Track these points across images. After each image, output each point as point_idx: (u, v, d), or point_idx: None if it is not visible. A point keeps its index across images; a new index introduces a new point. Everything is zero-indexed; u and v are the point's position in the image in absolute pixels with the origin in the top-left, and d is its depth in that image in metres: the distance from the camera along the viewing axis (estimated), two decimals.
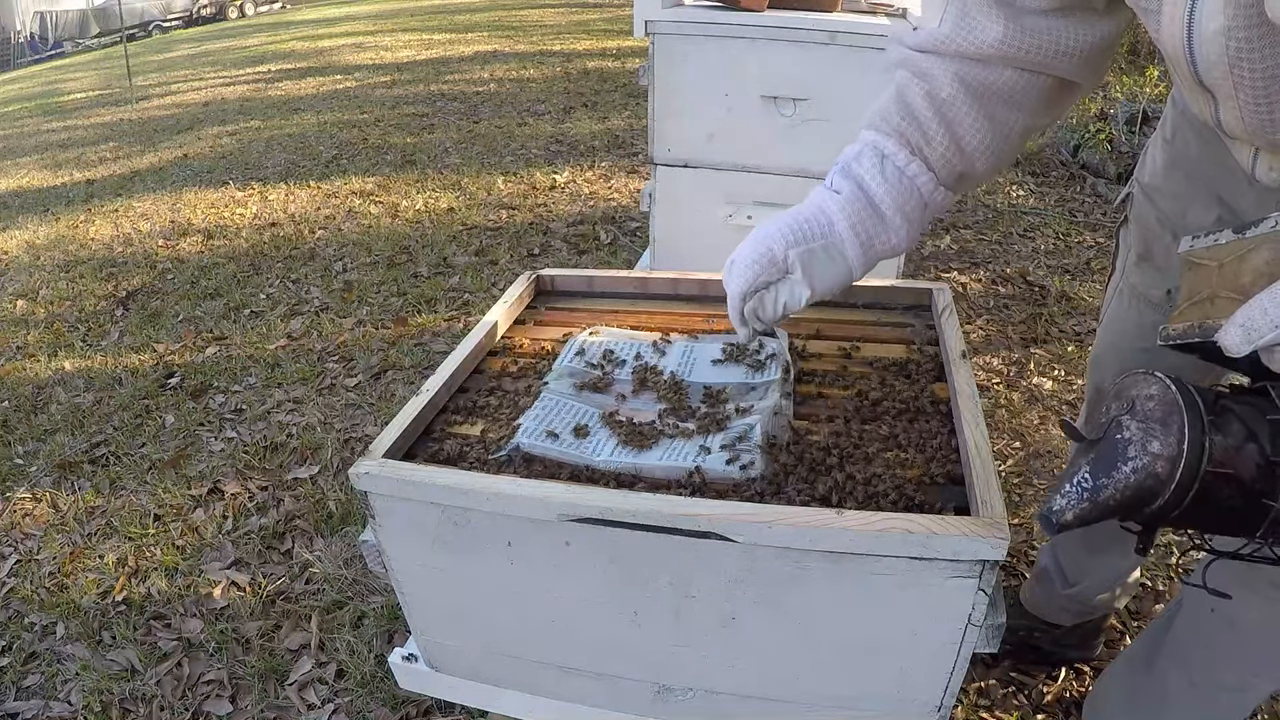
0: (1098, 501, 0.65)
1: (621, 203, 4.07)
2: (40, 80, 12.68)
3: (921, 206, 0.92)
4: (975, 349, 2.60)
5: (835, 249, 0.91)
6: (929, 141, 0.90)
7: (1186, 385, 0.66)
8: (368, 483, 0.89)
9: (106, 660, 1.74)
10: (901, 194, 0.91)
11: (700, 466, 0.90)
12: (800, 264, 0.90)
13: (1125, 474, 0.64)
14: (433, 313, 3.09)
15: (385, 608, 1.79)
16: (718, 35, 1.93)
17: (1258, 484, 0.63)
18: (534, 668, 1.01)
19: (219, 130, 6.38)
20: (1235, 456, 0.63)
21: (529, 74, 7.29)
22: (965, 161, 0.92)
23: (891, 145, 0.91)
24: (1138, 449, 0.64)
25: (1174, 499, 0.64)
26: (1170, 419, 0.64)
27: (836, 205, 0.91)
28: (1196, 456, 0.63)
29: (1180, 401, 0.64)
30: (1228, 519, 0.66)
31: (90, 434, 2.54)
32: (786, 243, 0.90)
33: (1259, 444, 0.63)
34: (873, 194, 0.91)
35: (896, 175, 0.91)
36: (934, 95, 0.89)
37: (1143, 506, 0.65)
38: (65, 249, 4.17)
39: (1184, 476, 0.63)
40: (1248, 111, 0.73)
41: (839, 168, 0.93)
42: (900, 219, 0.91)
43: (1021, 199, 3.84)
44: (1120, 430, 0.65)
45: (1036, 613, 1.54)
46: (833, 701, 0.90)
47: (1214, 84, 0.73)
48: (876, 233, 0.92)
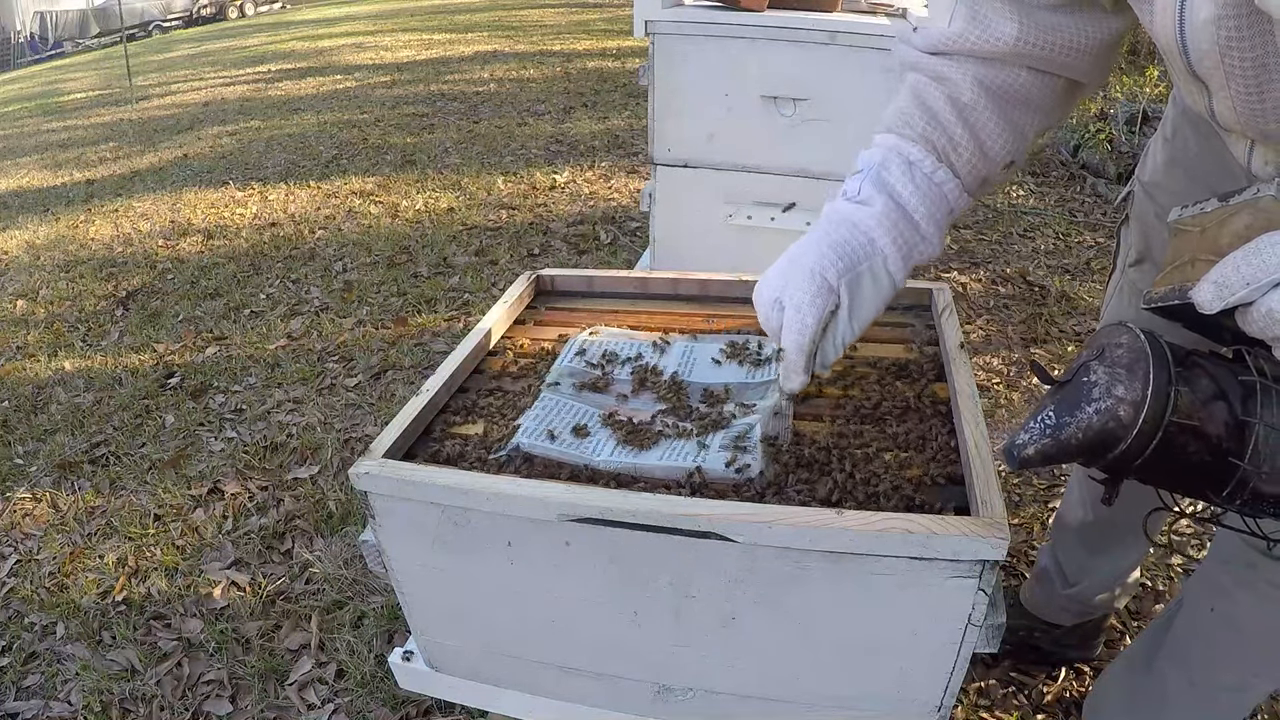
0: (1059, 439, 0.66)
1: (621, 203, 4.07)
2: (40, 80, 12.68)
3: (948, 213, 0.90)
4: (975, 349, 2.60)
5: (880, 268, 0.86)
6: (955, 147, 0.88)
7: (1158, 339, 0.67)
8: (368, 483, 0.89)
9: (106, 660, 1.74)
10: (933, 202, 0.88)
11: (700, 467, 0.90)
12: (848, 297, 0.84)
13: (1089, 414, 0.65)
14: (433, 313, 3.09)
15: (385, 608, 1.79)
16: (718, 35, 1.93)
17: (1225, 442, 0.64)
18: (534, 668, 1.01)
19: (219, 130, 6.38)
20: (1202, 411, 0.64)
21: (529, 74, 7.29)
22: (988, 165, 0.90)
23: (918, 151, 0.88)
24: (1102, 391, 0.65)
25: (1136, 445, 0.64)
26: (1137, 366, 0.65)
27: (874, 220, 0.86)
28: (1161, 405, 0.63)
29: (1148, 350, 0.65)
30: (1194, 475, 0.67)
31: (90, 434, 2.54)
32: (838, 271, 0.83)
33: (1228, 403, 0.64)
34: (907, 204, 0.87)
35: (926, 183, 0.88)
36: (956, 100, 0.87)
37: (1105, 450, 0.65)
38: (65, 249, 4.17)
39: (1146, 423, 0.63)
40: (1239, 101, 0.73)
41: (868, 177, 0.88)
42: (934, 228, 0.88)
43: (1021, 199, 3.84)
44: (1088, 374, 0.66)
45: (1036, 613, 1.54)
46: (833, 701, 0.90)
47: (1206, 74, 0.73)
48: (915, 243, 0.88)
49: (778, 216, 2.05)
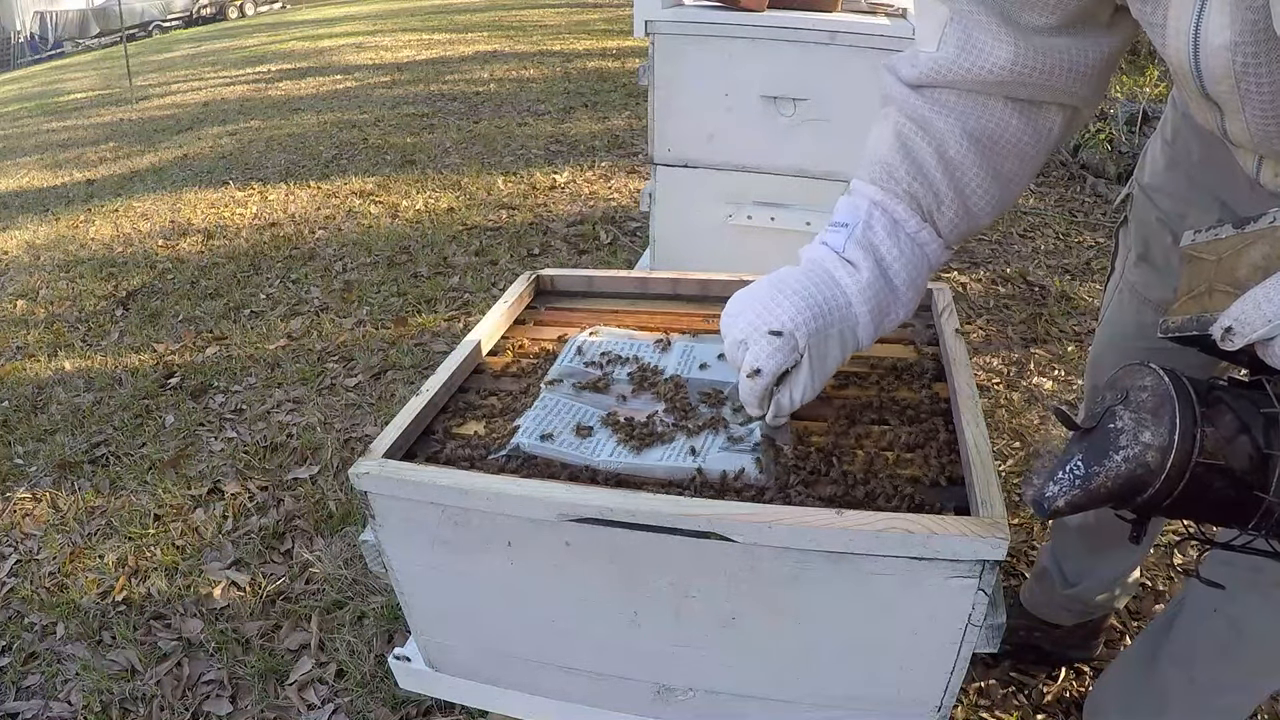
0: (1089, 489, 0.66)
1: (621, 203, 4.07)
2: (40, 80, 12.68)
3: (927, 270, 0.89)
4: (975, 349, 2.60)
5: (849, 331, 0.87)
6: (940, 205, 0.87)
7: (1180, 377, 0.66)
8: (368, 483, 0.89)
9: (106, 660, 1.74)
10: (914, 265, 0.87)
11: (700, 467, 0.90)
12: (813, 352, 0.84)
13: (1117, 463, 0.65)
14: (433, 313, 3.09)
15: (385, 608, 1.79)
16: (718, 35, 1.93)
17: (1249, 476, 0.64)
18: (534, 668, 1.01)
19: (219, 130, 6.38)
20: (1227, 448, 0.63)
21: (529, 74, 7.29)
22: (970, 222, 0.89)
23: (902, 210, 0.86)
24: (1129, 438, 0.65)
25: (1164, 489, 0.64)
26: (1162, 410, 0.64)
27: (856, 288, 0.85)
28: (1188, 448, 0.63)
29: (1173, 393, 0.65)
30: (1220, 510, 0.67)
31: (90, 434, 2.54)
32: (808, 332, 0.83)
33: (1251, 436, 0.64)
34: (890, 269, 0.86)
35: (909, 245, 0.87)
36: (943, 154, 0.85)
37: (1134, 495, 0.66)
38: (65, 249, 4.17)
39: (1174, 467, 0.63)
40: (1254, 124, 0.72)
41: (852, 236, 0.86)
42: (912, 293, 0.88)
43: (1021, 199, 3.84)
44: (1114, 420, 0.66)
45: (1036, 613, 1.54)
46: (833, 701, 0.90)
47: (1220, 97, 0.72)
48: (889, 309, 0.87)
49: (778, 216, 2.05)
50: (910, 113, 0.86)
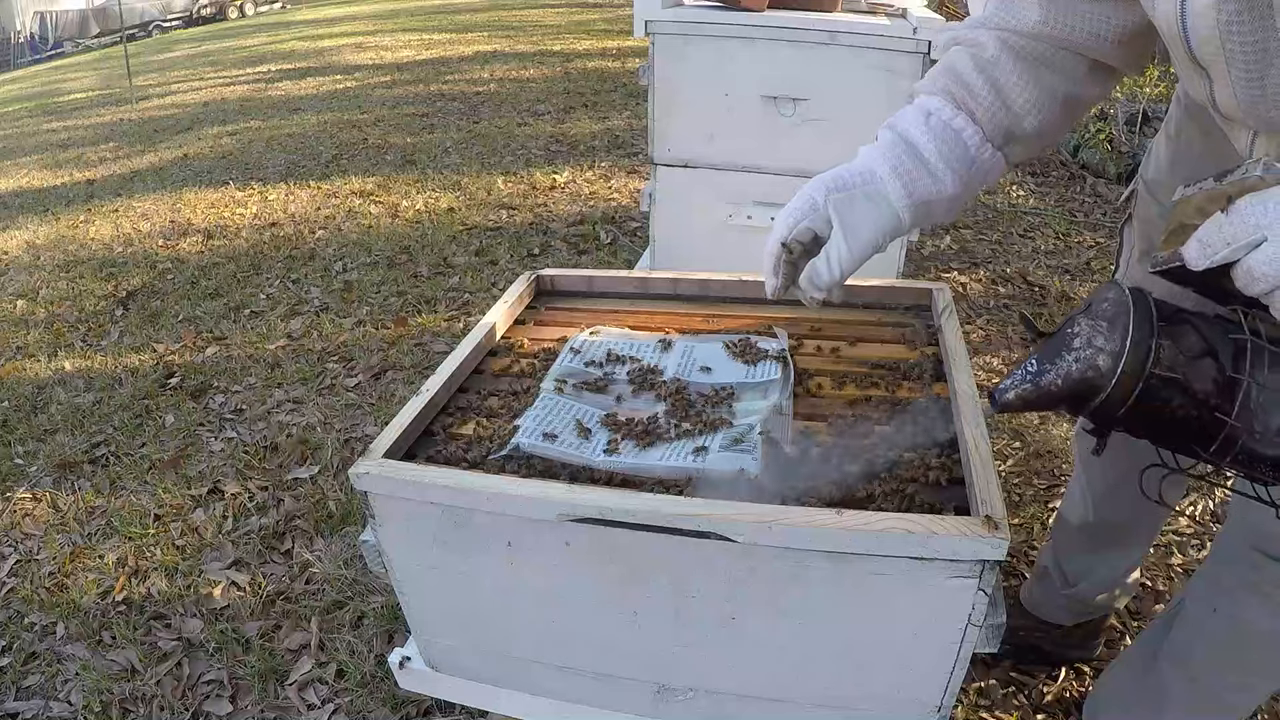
0: (1039, 385, 0.69)
1: (621, 203, 4.07)
2: (40, 80, 12.68)
3: (968, 161, 0.91)
4: (975, 349, 2.60)
5: (877, 193, 0.88)
6: (974, 96, 0.90)
7: (1145, 294, 0.68)
8: (368, 483, 0.89)
9: (106, 660, 1.74)
10: (946, 144, 0.89)
11: (701, 467, 0.90)
12: (837, 213, 0.87)
13: (1069, 362, 0.67)
14: (433, 313, 3.09)
15: (385, 608, 1.79)
16: (718, 35, 1.93)
17: (1213, 399, 0.65)
18: (534, 668, 1.01)
19: (219, 130, 6.38)
20: (1186, 366, 0.65)
21: (529, 74, 7.29)
22: (1012, 118, 0.91)
23: (937, 102, 0.91)
24: (1083, 341, 0.67)
25: (1116, 394, 0.66)
26: (1118, 318, 0.67)
27: (876, 151, 0.90)
28: (1141, 355, 0.65)
29: (1130, 304, 0.67)
30: (1181, 431, 0.68)
31: (90, 434, 2.54)
32: (826, 189, 0.89)
33: (1218, 360, 0.65)
34: (914, 141, 0.90)
35: (941, 127, 0.90)
36: (979, 57, 0.90)
37: (1086, 399, 0.68)
38: (65, 249, 4.17)
39: (1125, 373, 0.66)
40: (1239, 87, 0.73)
41: (881, 128, 0.93)
42: (944, 166, 0.89)
43: (1021, 199, 3.84)
44: (1072, 325, 0.69)
45: (1036, 613, 1.55)
46: (833, 701, 0.90)
47: (1207, 60, 0.74)
48: (919, 176, 0.89)
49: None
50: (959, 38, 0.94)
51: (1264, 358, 0.65)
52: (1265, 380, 0.64)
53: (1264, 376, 0.65)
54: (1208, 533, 1.87)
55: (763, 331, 1.19)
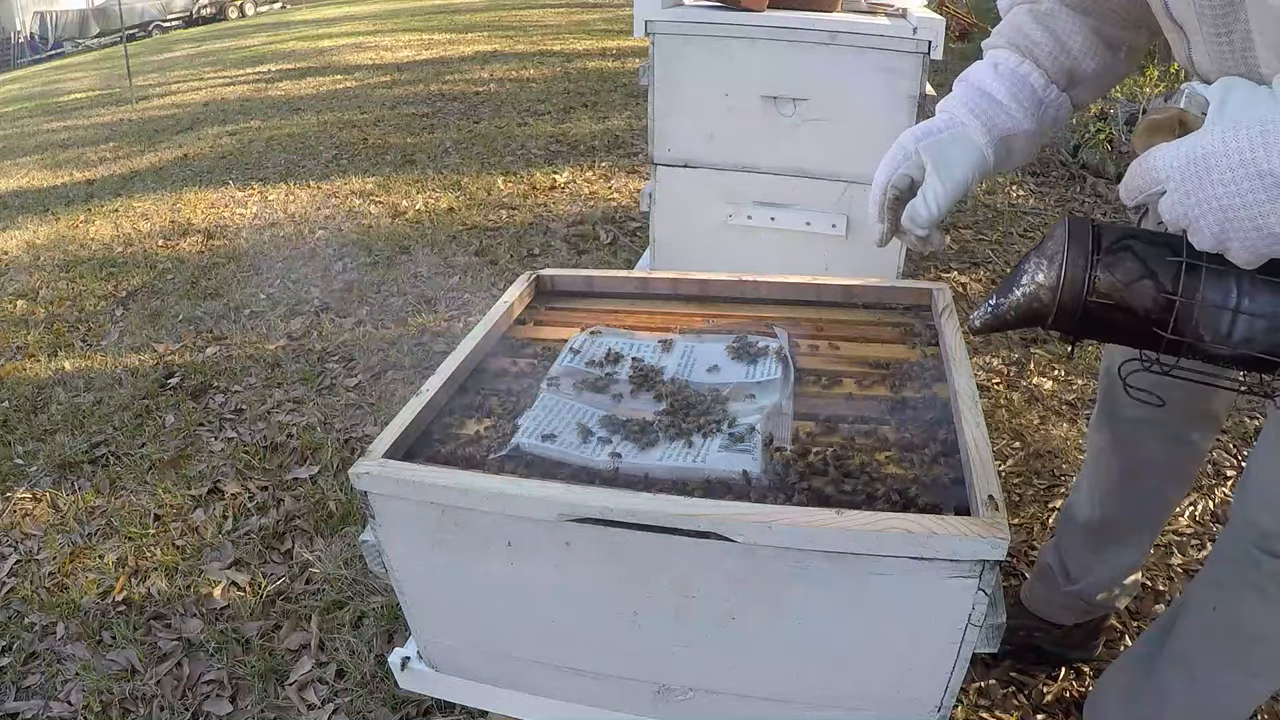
0: (998, 314, 0.82)
1: (621, 203, 4.07)
2: (40, 80, 12.68)
3: (1037, 102, 0.99)
4: (975, 349, 2.60)
5: (962, 135, 0.97)
6: (1036, 44, 0.99)
7: (1088, 228, 0.78)
8: (368, 483, 0.89)
9: (106, 660, 1.74)
10: (1015, 86, 0.98)
11: (701, 467, 0.90)
12: (929, 156, 0.96)
13: (1016, 296, 0.80)
14: (433, 313, 3.09)
15: (385, 608, 1.79)
16: (718, 35, 1.93)
17: (1153, 314, 0.74)
18: (534, 668, 1.01)
19: (219, 130, 6.38)
20: (1124, 290, 0.75)
21: (529, 74, 7.29)
22: (1072, 60, 0.99)
23: (1003, 54, 1.00)
24: (1028, 278, 0.79)
25: (1061, 318, 0.78)
26: (1056, 256, 0.78)
27: (954, 100, 1.00)
28: (1075, 287, 0.76)
29: (1068, 240, 0.77)
30: (1132, 338, 0.78)
31: (90, 434, 2.53)
32: (915, 138, 0.97)
33: (1156, 281, 0.74)
34: (986, 87, 0.98)
35: (1009, 73, 0.99)
36: (1036, 10, 0.99)
37: (1037, 321, 0.80)
38: (65, 249, 4.17)
39: (1063, 303, 0.77)
40: (1211, 45, 0.79)
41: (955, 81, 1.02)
42: (1016, 105, 0.98)
43: (1021, 199, 3.84)
44: (1024, 262, 0.81)
45: (1037, 612, 1.55)
46: (833, 701, 0.90)
47: (1182, 18, 0.80)
48: (995, 114, 0.97)
49: (778, 216, 2.05)
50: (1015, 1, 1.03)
51: (1200, 274, 0.73)
52: (1204, 295, 0.73)
53: (1202, 291, 0.73)
54: (1208, 533, 1.87)
55: (763, 331, 1.19)
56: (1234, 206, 0.67)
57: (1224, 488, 1.99)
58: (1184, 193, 0.69)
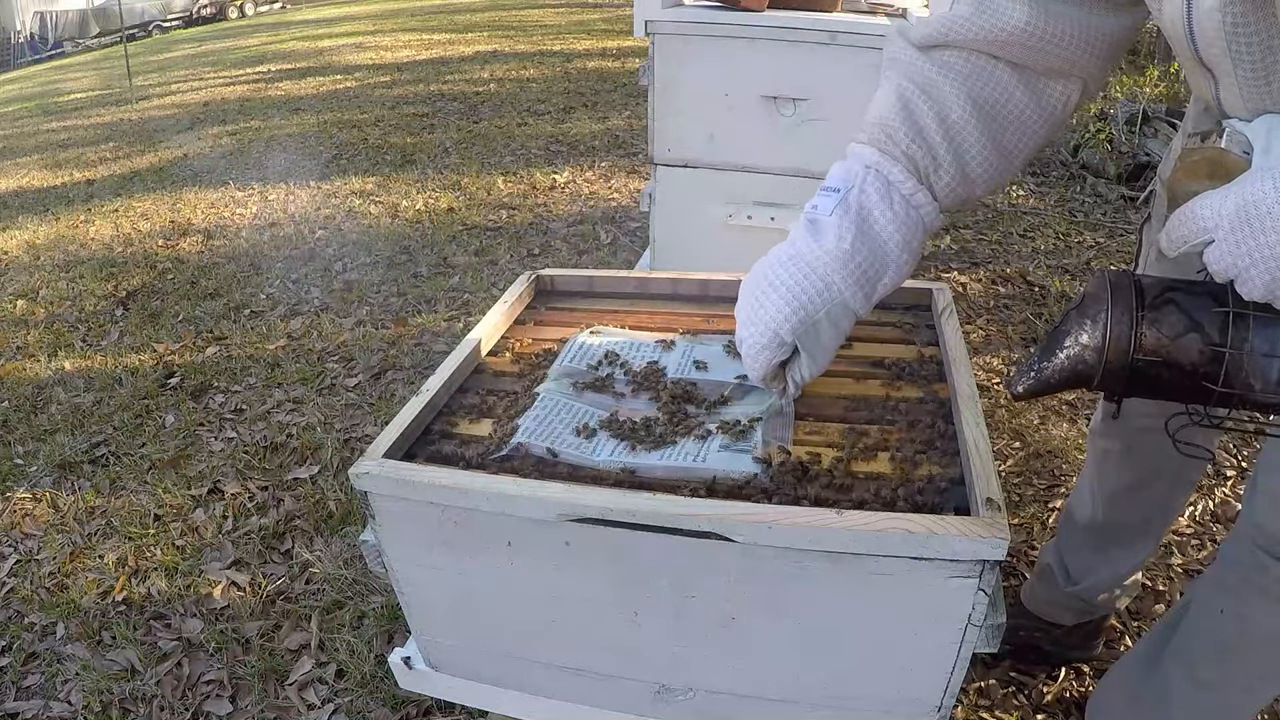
0: (1042, 378, 0.79)
1: (621, 203, 4.07)
2: (40, 80, 12.68)
3: (923, 235, 0.91)
4: (975, 349, 2.60)
5: (838, 310, 0.88)
6: (937, 168, 0.88)
7: (1130, 281, 0.75)
8: (368, 483, 0.89)
9: (106, 660, 1.74)
10: (908, 228, 0.88)
11: (700, 466, 0.90)
12: (804, 345, 0.89)
13: (1060, 359, 0.77)
14: (433, 313, 3.09)
15: (385, 608, 1.79)
16: (718, 35, 1.93)
17: (1201, 368, 0.72)
18: (534, 668, 1.00)
19: (219, 130, 6.38)
20: (1170, 346, 0.73)
21: (529, 74, 7.29)
22: (968, 187, 0.90)
23: (898, 172, 0.87)
24: (1071, 340, 0.76)
25: (1109, 380, 0.75)
26: (1099, 315, 0.75)
27: (835, 263, 0.86)
28: (1123, 347, 0.73)
29: (1110, 298, 0.74)
30: (1180, 394, 0.75)
31: (90, 434, 2.53)
32: (791, 327, 0.87)
33: (1204, 333, 0.72)
34: (881, 233, 0.87)
35: (904, 207, 0.87)
36: (944, 118, 0.87)
37: (1082, 383, 0.77)
38: (65, 249, 4.17)
39: (1110, 363, 0.74)
40: (1245, 86, 0.75)
41: (841, 203, 0.87)
42: (906, 255, 0.89)
43: (1021, 199, 3.84)
44: (1065, 323, 0.78)
45: (1037, 612, 1.54)
46: (833, 701, 0.90)
47: (1213, 61, 0.75)
48: (881, 275, 0.89)
49: (778, 216, 2.05)
50: (915, 75, 0.88)
51: (1248, 323, 0.70)
52: (1253, 344, 0.70)
53: (1250, 340, 0.70)
54: (1208, 533, 1.87)
55: None
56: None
57: (1224, 488, 1.99)
58: (1234, 243, 0.66)
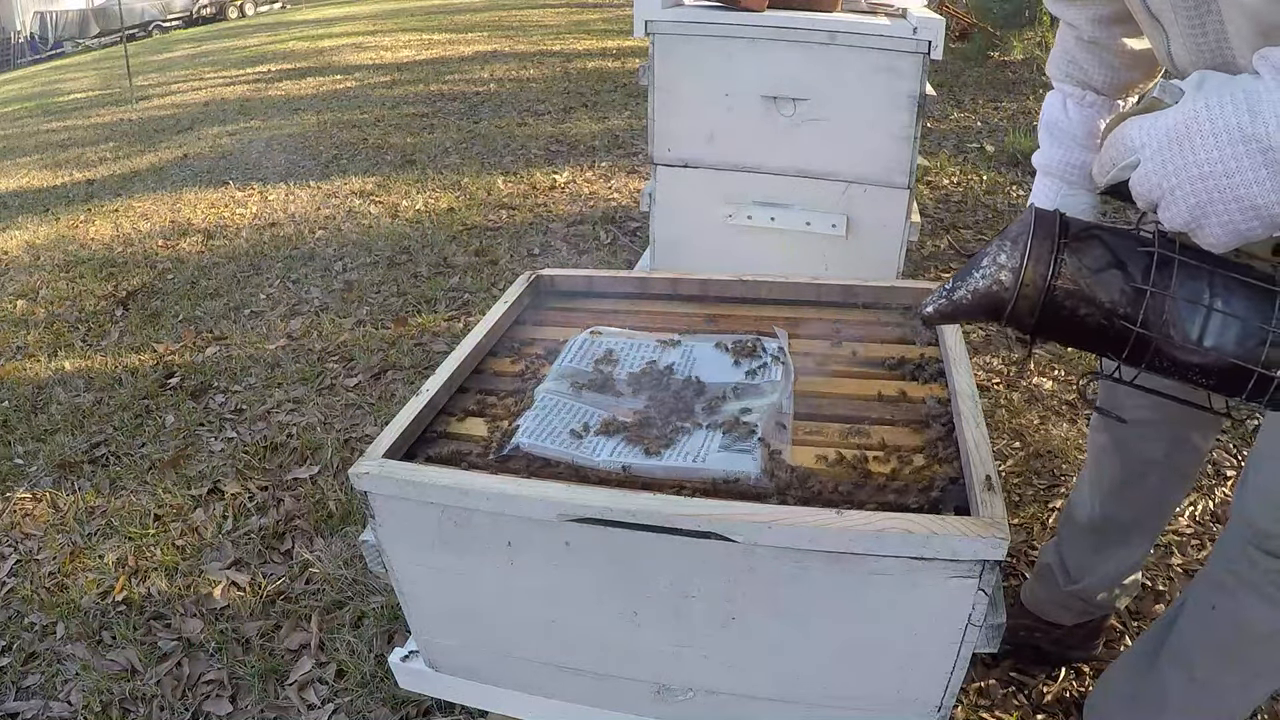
0: (953, 300, 0.76)
1: (621, 203, 4.07)
2: (40, 80, 12.68)
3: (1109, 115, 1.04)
4: (975, 349, 2.60)
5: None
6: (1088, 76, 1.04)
7: (1054, 215, 0.73)
8: (368, 483, 0.89)
9: (106, 660, 1.74)
10: (1087, 123, 1.04)
11: (700, 466, 0.90)
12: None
13: (975, 279, 0.74)
14: (433, 313, 3.09)
15: (385, 608, 1.79)
16: (718, 35, 1.93)
17: (1121, 308, 0.69)
18: (534, 668, 1.01)
19: (219, 130, 6.38)
20: (1090, 278, 0.70)
21: (529, 74, 7.29)
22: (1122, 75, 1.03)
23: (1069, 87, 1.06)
24: (990, 260, 0.74)
25: (1022, 306, 0.72)
26: (1020, 238, 0.73)
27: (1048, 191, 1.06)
28: (1040, 270, 0.71)
29: (1033, 224, 0.73)
30: (1096, 339, 0.72)
31: (90, 434, 2.53)
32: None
33: (1125, 271, 0.69)
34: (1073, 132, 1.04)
35: (1078, 111, 1.05)
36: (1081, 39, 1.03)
37: (996, 311, 0.74)
38: (65, 249, 4.17)
39: (1026, 285, 0.71)
40: (1187, 38, 0.78)
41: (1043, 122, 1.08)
42: (1095, 140, 1.02)
43: (1021, 199, 3.83)
44: (985, 248, 0.75)
45: (1037, 611, 1.55)
46: (833, 701, 0.90)
47: (1158, 9, 0.80)
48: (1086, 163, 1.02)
49: (778, 216, 2.05)
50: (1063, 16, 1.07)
51: (1173, 268, 0.68)
52: (1176, 289, 0.68)
53: (1175, 287, 0.68)
54: (1208, 533, 1.87)
55: (763, 331, 1.19)
56: (1215, 174, 0.63)
57: (1224, 488, 1.99)
58: (1160, 161, 0.66)
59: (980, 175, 4.02)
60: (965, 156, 4.27)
